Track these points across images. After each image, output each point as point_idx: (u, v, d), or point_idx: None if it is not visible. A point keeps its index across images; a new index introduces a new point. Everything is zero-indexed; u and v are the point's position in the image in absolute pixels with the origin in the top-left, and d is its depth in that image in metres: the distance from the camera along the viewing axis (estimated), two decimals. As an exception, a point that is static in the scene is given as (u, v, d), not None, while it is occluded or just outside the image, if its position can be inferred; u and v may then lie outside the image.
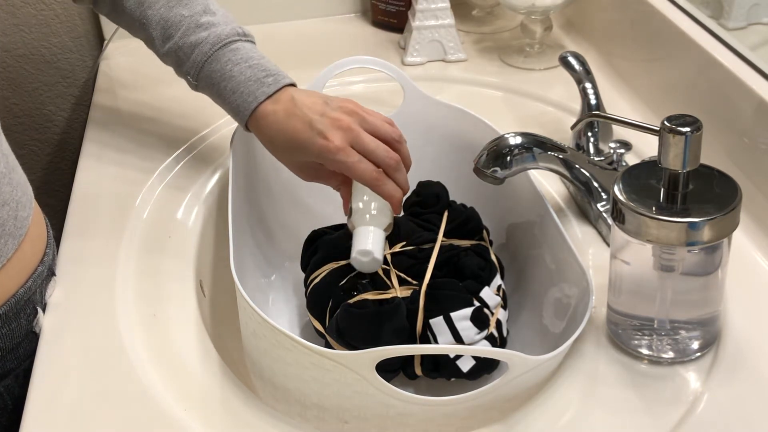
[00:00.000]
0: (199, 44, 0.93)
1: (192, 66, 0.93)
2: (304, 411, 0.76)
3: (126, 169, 1.04)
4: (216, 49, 0.92)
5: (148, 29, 0.96)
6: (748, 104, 0.91)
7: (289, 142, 0.88)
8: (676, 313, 0.77)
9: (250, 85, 0.90)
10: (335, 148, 0.85)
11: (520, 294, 0.91)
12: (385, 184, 0.86)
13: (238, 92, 0.91)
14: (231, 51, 0.93)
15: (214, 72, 0.92)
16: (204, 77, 0.93)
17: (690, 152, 0.72)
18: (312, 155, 0.87)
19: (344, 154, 0.85)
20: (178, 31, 0.94)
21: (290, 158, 0.90)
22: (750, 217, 0.90)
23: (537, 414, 0.74)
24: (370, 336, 0.80)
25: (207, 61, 0.93)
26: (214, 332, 0.86)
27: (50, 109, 1.42)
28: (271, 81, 0.90)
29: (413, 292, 0.84)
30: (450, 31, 1.25)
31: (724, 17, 1.03)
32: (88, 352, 0.81)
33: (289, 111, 0.88)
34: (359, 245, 0.84)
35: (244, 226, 0.93)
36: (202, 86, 0.94)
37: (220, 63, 0.92)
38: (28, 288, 0.85)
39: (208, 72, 0.93)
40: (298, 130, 0.87)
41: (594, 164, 0.93)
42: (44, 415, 0.76)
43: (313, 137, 0.86)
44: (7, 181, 0.83)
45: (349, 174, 0.86)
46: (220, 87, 0.92)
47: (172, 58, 0.95)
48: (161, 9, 0.95)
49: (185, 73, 0.95)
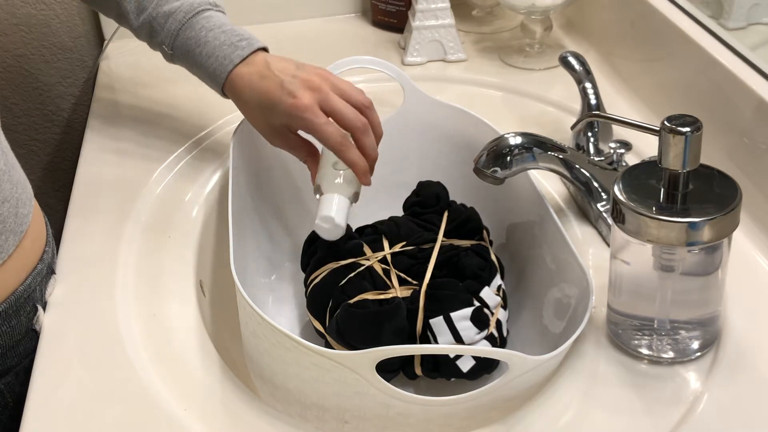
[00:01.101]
0: (172, 13, 0.96)
1: (167, 35, 0.96)
2: (304, 411, 0.76)
3: (126, 169, 1.04)
4: (190, 17, 0.95)
5: (123, 3, 0.98)
6: (748, 104, 0.91)
7: (261, 102, 0.90)
8: (676, 313, 0.77)
9: (225, 49, 0.93)
10: (303, 106, 0.87)
11: (520, 294, 0.91)
12: (350, 150, 0.87)
13: (214, 56, 0.93)
14: (204, 18, 0.96)
15: (189, 39, 0.95)
16: (179, 45, 0.96)
17: (690, 152, 0.72)
18: (282, 114, 0.89)
19: (312, 113, 0.87)
20: (152, 3, 0.97)
21: (262, 120, 0.92)
22: (750, 217, 0.90)
23: (537, 414, 0.74)
24: (370, 336, 0.80)
25: (181, 29, 0.95)
26: (214, 332, 0.86)
27: (50, 109, 1.42)
28: (245, 44, 0.93)
29: (413, 292, 0.84)
30: (450, 31, 1.25)
31: (724, 17, 1.03)
32: (88, 351, 0.81)
33: (262, 73, 0.91)
34: (322, 211, 0.86)
35: (244, 226, 0.93)
36: (177, 55, 0.97)
37: (194, 30, 0.95)
38: (27, 285, 0.85)
39: (183, 39, 0.95)
40: (269, 90, 0.90)
41: (594, 164, 0.93)
42: (44, 414, 0.76)
43: (283, 96, 0.89)
44: (7, 179, 0.84)
45: (315, 135, 0.88)
46: (195, 53, 0.95)
47: (146, 30, 0.98)
48: None
49: (160, 44, 0.97)
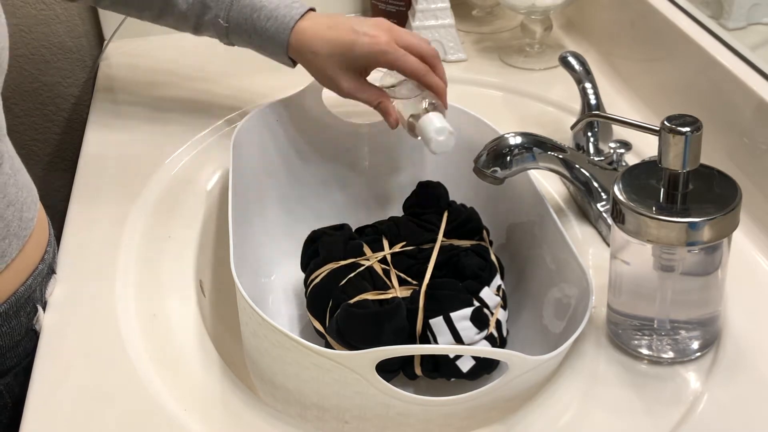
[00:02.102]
0: None
1: (221, 7, 0.98)
2: (304, 411, 0.76)
3: (126, 169, 1.04)
4: None
5: None
6: (748, 104, 0.91)
7: (336, 48, 0.94)
8: (676, 313, 0.77)
9: (282, 9, 0.97)
10: (383, 41, 0.92)
11: (520, 294, 0.91)
12: (431, 74, 0.93)
13: (273, 17, 0.96)
14: None
15: (245, 7, 0.98)
16: (234, 16, 0.98)
17: (690, 152, 0.72)
18: (360, 54, 0.93)
19: (391, 47, 0.92)
20: None
21: (335, 66, 0.94)
22: (750, 217, 0.90)
23: (537, 414, 0.74)
24: (370, 336, 0.80)
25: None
26: (214, 332, 0.86)
27: (50, 109, 1.42)
28: (298, 5, 0.98)
29: (413, 292, 0.84)
30: (450, 31, 1.25)
31: (724, 17, 1.03)
32: (88, 351, 0.81)
33: (327, 24, 0.95)
34: (434, 125, 0.89)
35: (244, 226, 0.93)
36: (233, 27, 0.99)
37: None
38: (28, 286, 0.85)
39: (238, 9, 0.98)
40: (342, 35, 0.94)
41: (594, 164, 0.93)
42: (44, 415, 0.76)
43: (359, 37, 0.93)
44: (13, 183, 0.84)
45: (397, 66, 0.93)
46: (253, 18, 0.97)
47: (197, 8, 0.99)
48: None
49: (214, 18, 0.99)
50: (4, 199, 0.83)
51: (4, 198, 0.83)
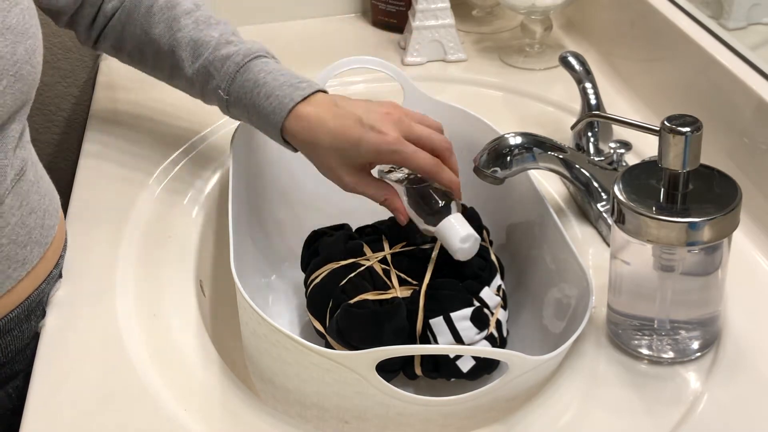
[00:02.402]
0: (230, 56, 0.91)
1: (223, 78, 0.91)
2: (304, 411, 0.76)
3: (126, 169, 1.04)
4: (248, 60, 0.90)
5: (178, 51, 0.94)
6: (748, 104, 0.91)
7: (339, 141, 0.84)
8: (676, 313, 0.77)
9: (285, 89, 0.87)
10: (393, 139, 0.83)
11: (520, 294, 0.91)
12: (444, 170, 0.85)
13: (273, 96, 0.87)
14: (262, 62, 0.91)
15: (247, 81, 0.90)
16: (236, 88, 0.90)
17: (690, 152, 0.72)
18: (366, 151, 0.84)
19: (402, 144, 0.83)
20: (208, 49, 0.92)
21: (337, 161, 0.86)
22: (750, 217, 0.90)
23: (537, 414, 0.74)
24: (370, 336, 0.80)
25: (239, 71, 0.90)
26: (214, 332, 0.86)
27: (50, 109, 1.42)
28: (305, 86, 0.88)
29: (413, 292, 0.84)
30: (450, 31, 1.25)
31: (724, 17, 1.03)
32: (88, 351, 0.81)
33: (332, 111, 0.86)
34: (459, 233, 0.81)
35: (244, 226, 0.93)
36: (233, 100, 0.91)
37: (253, 72, 0.90)
38: (41, 290, 0.86)
39: (240, 82, 0.90)
40: (347, 127, 0.84)
41: (594, 164, 0.93)
42: (44, 415, 0.76)
43: (366, 132, 0.83)
44: (35, 190, 0.84)
45: (408, 164, 0.84)
46: (254, 94, 0.89)
47: (202, 76, 0.93)
48: (191, 31, 0.94)
49: (215, 88, 0.92)
50: (26, 206, 0.83)
51: (27, 205, 0.83)
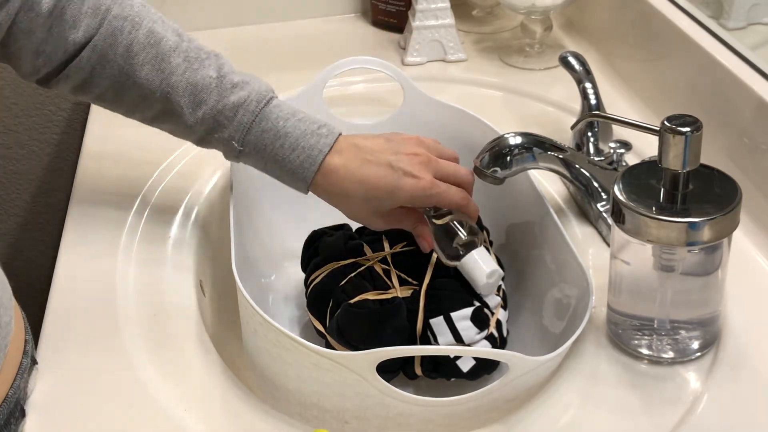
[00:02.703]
0: (242, 104, 0.83)
1: (237, 129, 0.83)
2: (304, 411, 0.76)
3: (126, 169, 1.04)
4: (262, 107, 0.83)
5: (174, 97, 0.83)
6: (748, 104, 0.91)
7: (373, 191, 0.81)
8: (676, 313, 0.77)
9: (309, 139, 0.81)
10: (428, 184, 0.81)
11: (520, 294, 0.91)
12: (472, 203, 0.84)
13: (299, 148, 0.81)
14: (276, 107, 0.84)
15: (266, 131, 0.82)
16: (253, 139, 0.83)
17: (690, 152, 0.72)
18: (401, 198, 0.81)
19: (435, 188, 0.81)
20: (212, 94, 0.83)
21: (371, 209, 0.83)
22: (750, 217, 0.90)
23: (537, 414, 0.74)
24: (370, 336, 0.80)
25: (255, 120, 0.83)
26: (214, 332, 0.86)
27: (50, 109, 1.42)
28: (326, 132, 0.82)
29: (413, 292, 0.84)
30: (450, 31, 1.25)
31: (724, 17, 1.03)
32: (88, 351, 0.81)
33: (359, 158, 0.82)
34: (483, 269, 0.81)
35: (244, 226, 0.93)
36: (248, 150, 0.83)
37: (270, 121, 0.82)
38: (16, 387, 0.75)
39: (257, 132, 0.83)
40: (380, 176, 0.81)
41: (594, 164, 0.93)
42: (44, 414, 0.76)
43: (399, 179, 0.81)
44: None
45: (441, 203, 0.82)
46: (276, 146, 0.82)
47: (207, 125, 0.84)
48: (185, 72, 0.83)
49: (227, 139, 0.84)
50: None
51: None
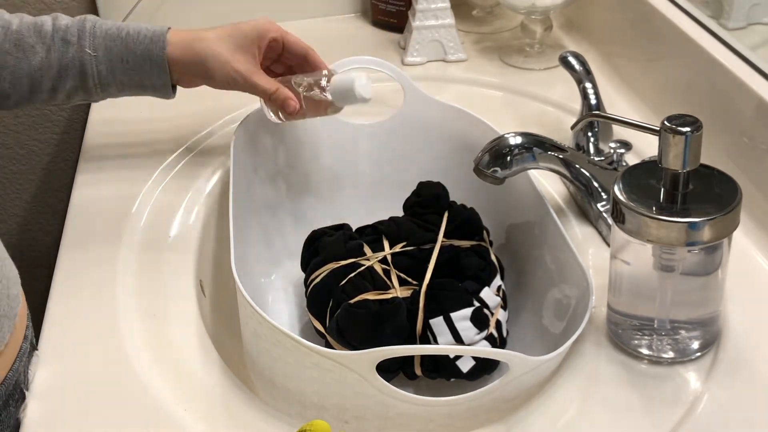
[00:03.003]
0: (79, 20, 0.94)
1: (84, 35, 0.92)
2: (304, 411, 0.76)
3: (126, 169, 1.05)
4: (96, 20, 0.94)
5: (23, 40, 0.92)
6: (748, 104, 0.91)
7: (223, 31, 0.93)
8: (676, 313, 0.77)
9: (147, 26, 0.94)
10: (267, 20, 0.94)
11: (520, 294, 0.91)
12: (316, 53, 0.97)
13: (143, 31, 0.93)
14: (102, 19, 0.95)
15: (110, 29, 0.93)
16: (100, 41, 0.93)
17: (690, 152, 0.72)
18: (248, 31, 0.93)
19: (276, 25, 0.94)
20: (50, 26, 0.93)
21: (228, 49, 0.92)
22: (750, 217, 0.90)
23: (537, 414, 0.74)
24: (370, 336, 0.80)
25: (96, 25, 0.93)
26: (214, 332, 0.86)
27: (50, 109, 1.42)
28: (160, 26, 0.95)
29: (413, 292, 0.84)
30: (450, 31, 1.25)
31: (724, 17, 1.03)
32: (89, 352, 0.81)
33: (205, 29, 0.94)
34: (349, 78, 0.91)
35: (244, 226, 0.93)
36: (102, 55, 0.93)
37: (108, 24, 0.94)
38: (15, 370, 0.78)
39: (102, 33, 0.93)
40: (224, 27, 0.94)
41: (594, 164, 0.93)
42: (44, 415, 0.76)
43: (241, 23, 0.94)
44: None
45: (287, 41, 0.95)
46: (122, 37, 0.93)
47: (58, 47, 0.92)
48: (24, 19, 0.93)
49: (79, 51, 0.92)
50: None
51: None
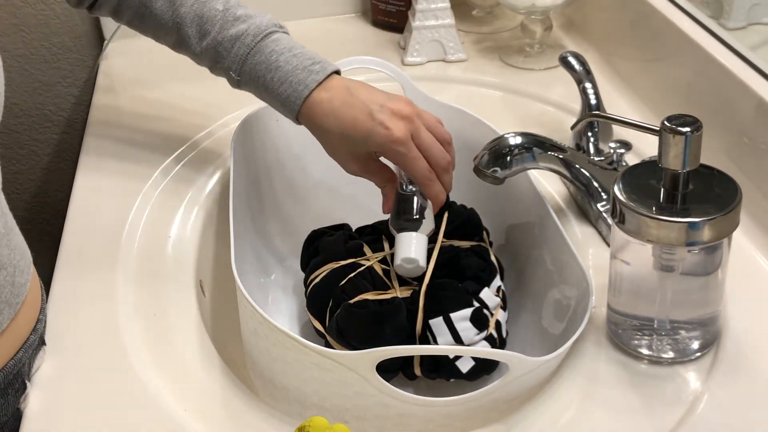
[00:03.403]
0: (239, 36, 0.89)
1: (234, 60, 0.90)
2: (304, 411, 0.76)
3: (126, 169, 1.04)
4: (258, 41, 0.89)
5: (183, 28, 0.92)
6: (748, 104, 0.91)
7: (348, 130, 0.85)
8: (676, 313, 0.77)
9: (298, 74, 0.87)
10: (398, 139, 0.83)
11: (519, 295, 0.91)
12: (435, 184, 0.85)
13: (287, 82, 0.87)
14: (273, 41, 0.89)
15: (259, 64, 0.89)
16: (248, 71, 0.89)
17: (690, 152, 0.72)
18: (373, 145, 0.85)
19: (406, 147, 0.84)
20: (215, 26, 0.90)
21: (344, 148, 0.87)
22: (750, 217, 0.90)
23: (537, 414, 0.74)
24: (370, 336, 0.80)
25: (250, 53, 0.89)
26: (214, 332, 0.86)
27: (50, 109, 1.42)
28: (318, 68, 0.87)
29: (413, 292, 0.84)
30: (450, 31, 1.25)
31: (724, 17, 1.03)
32: (89, 351, 0.81)
33: (345, 100, 0.86)
34: (404, 253, 0.84)
35: (244, 226, 0.93)
36: (245, 80, 0.90)
37: (264, 54, 0.89)
38: (18, 360, 0.77)
39: (252, 64, 0.89)
40: (357, 120, 0.85)
41: (594, 164, 0.93)
42: (45, 414, 0.76)
43: (375, 127, 0.84)
44: (5, 243, 0.75)
45: (404, 167, 0.85)
46: (267, 79, 0.88)
47: (210, 55, 0.91)
48: (194, 5, 0.91)
49: (226, 69, 0.91)
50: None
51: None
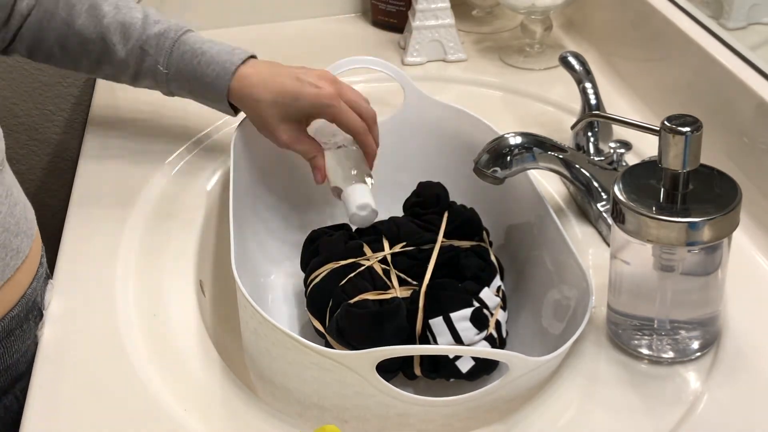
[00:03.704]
0: (163, 33, 0.97)
1: (161, 53, 0.96)
2: (304, 411, 0.76)
3: (126, 169, 1.04)
4: (180, 35, 0.97)
5: (108, 35, 0.97)
6: (748, 104, 0.91)
7: (279, 95, 0.92)
8: (676, 313, 0.77)
9: (223, 56, 0.95)
10: (329, 94, 0.91)
11: (519, 295, 0.91)
12: (369, 135, 0.93)
13: (215, 63, 0.95)
14: (193, 36, 0.98)
15: (185, 53, 0.96)
16: (175, 61, 0.96)
17: (690, 152, 0.72)
18: (305, 104, 0.91)
19: (336, 101, 0.91)
20: (137, 29, 0.97)
21: (277, 116, 0.92)
22: (750, 217, 0.90)
23: (537, 414, 0.74)
24: (370, 336, 0.80)
25: (175, 45, 0.96)
26: (214, 332, 0.86)
27: (50, 109, 1.42)
28: (239, 52, 0.96)
29: (413, 292, 0.84)
30: (450, 31, 1.25)
31: (724, 17, 1.03)
32: (89, 352, 0.81)
33: (270, 71, 0.94)
34: (356, 201, 0.90)
35: (244, 225, 0.93)
36: (173, 73, 0.97)
37: (188, 44, 0.96)
38: (33, 288, 0.86)
39: (179, 54, 0.96)
40: (286, 84, 0.92)
41: (594, 164, 0.93)
42: (45, 414, 0.76)
43: (304, 86, 0.91)
44: (14, 183, 0.85)
45: (338, 121, 0.92)
46: (194, 64, 0.95)
47: (136, 54, 0.97)
48: (115, 15, 0.98)
49: (153, 65, 0.97)
50: (12, 197, 0.84)
51: (12, 195, 0.84)
